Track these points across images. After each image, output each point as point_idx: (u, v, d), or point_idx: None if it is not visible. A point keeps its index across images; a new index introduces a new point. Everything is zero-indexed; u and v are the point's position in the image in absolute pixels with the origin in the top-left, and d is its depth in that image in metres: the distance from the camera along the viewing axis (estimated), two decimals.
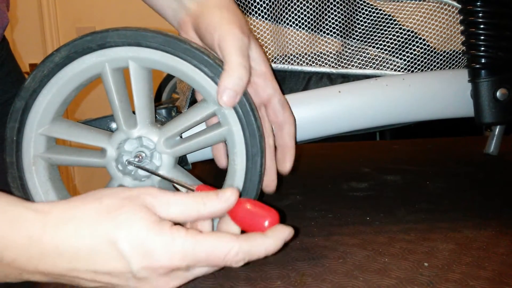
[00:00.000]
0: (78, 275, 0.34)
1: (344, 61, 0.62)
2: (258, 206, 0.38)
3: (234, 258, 0.35)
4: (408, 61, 0.63)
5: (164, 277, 0.34)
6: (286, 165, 0.50)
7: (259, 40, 0.60)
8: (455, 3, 0.61)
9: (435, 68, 0.63)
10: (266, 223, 0.37)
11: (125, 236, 0.33)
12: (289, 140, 0.50)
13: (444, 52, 0.63)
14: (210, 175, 0.87)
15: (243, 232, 0.39)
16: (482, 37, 0.58)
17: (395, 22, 0.62)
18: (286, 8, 0.60)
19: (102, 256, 0.33)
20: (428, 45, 0.63)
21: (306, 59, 0.62)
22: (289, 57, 0.62)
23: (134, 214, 0.34)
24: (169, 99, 1.12)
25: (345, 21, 0.61)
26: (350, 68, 0.62)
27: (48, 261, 0.33)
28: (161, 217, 0.35)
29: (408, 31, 0.62)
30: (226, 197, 0.37)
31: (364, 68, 0.62)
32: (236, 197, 0.37)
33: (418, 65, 0.63)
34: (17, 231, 0.33)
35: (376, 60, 0.62)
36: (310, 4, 0.60)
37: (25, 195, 0.49)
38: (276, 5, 0.60)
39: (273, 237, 0.36)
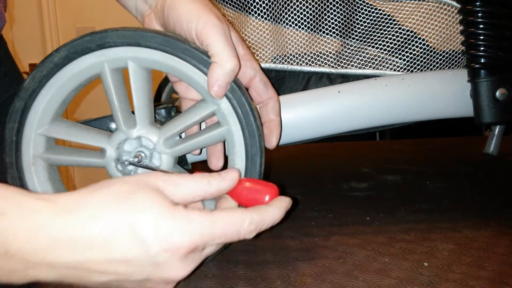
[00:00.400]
0: (91, 266, 0.32)
1: (344, 61, 0.62)
2: (258, 183, 0.40)
3: (248, 229, 0.36)
4: (408, 61, 0.63)
5: (181, 261, 0.34)
6: (273, 141, 0.51)
7: (259, 40, 0.60)
8: (454, 3, 0.61)
9: (435, 68, 0.63)
10: (267, 198, 0.39)
11: (141, 220, 0.32)
12: (274, 116, 0.51)
13: (444, 52, 0.63)
14: None
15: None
16: (481, 37, 0.58)
17: (394, 22, 0.62)
18: (286, 8, 0.60)
19: (118, 242, 0.32)
20: (428, 45, 0.63)
21: (306, 59, 0.62)
22: (288, 57, 0.62)
23: (147, 199, 0.33)
24: (168, 99, 1.12)
25: (345, 21, 0.61)
26: (350, 68, 0.62)
27: (59, 251, 0.31)
28: (172, 198, 0.35)
29: (407, 31, 0.62)
30: (230, 176, 0.38)
31: (364, 68, 0.62)
32: (238, 176, 0.39)
33: (418, 65, 0.63)
34: (25, 219, 0.31)
35: (376, 60, 0.62)
36: (310, 4, 0.60)
37: None
38: (275, 5, 0.60)
39: (277, 207, 0.38)
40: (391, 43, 0.62)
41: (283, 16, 0.60)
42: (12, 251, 0.31)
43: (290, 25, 0.61)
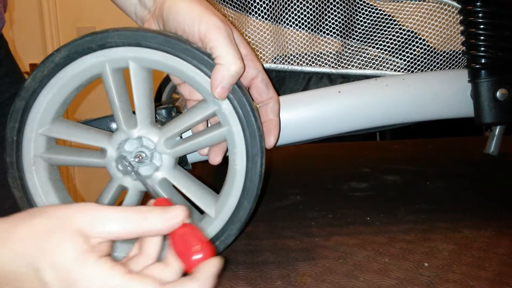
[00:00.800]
0: None
1: (344, 61, 0.62)
2: (195, 237, 0.36)
3: None
4: (408, 61, 0.63)
5: None
6: (270, 140, 0.50)
7: (260, 40, 0.60)
8: (455, 3, 0.61)
9: (435, 68, 0.63)
10: (195, 258, 0.35)
11: (49, 265, 0.32)
12: (274, 116, 0.51)
13: (444, 52, 0.63)
14: (210, 175, 0.87)
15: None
16: (482, 37, 0.58)
17: (395, 22, 0.62)
18: (286, 8, 0.60)
19: (27, 283, 0.33)
20: (428, 45, 0.63)
21: (306, 59, 0.62)
22: (289, 57, 0.62)
23: (63, 242, 0.33)
24: (169, 99, 1.12)
25: (345, 21, 0.61)
26: (350, 68, 0.62)
27: None
28: (101, 235, 0.34)
29: (408, 31, 0.62)
30: (170, 216, 0.35)
31: (364, 68, 0.62)
32: (183, 218, 0.35)
33: (418, 65, 0.63)
34: None
35: (376, 60, 0.62)
36: (310, 4, 0.60)
37: (25, 195, 0.49)
38: (276, 5, 0.60)
39: (201, 278, 0.34)
40: (391, 43, 0.62)
41: (284, 16, 0.61)
42: None
43: (291, 25, 0.61)
